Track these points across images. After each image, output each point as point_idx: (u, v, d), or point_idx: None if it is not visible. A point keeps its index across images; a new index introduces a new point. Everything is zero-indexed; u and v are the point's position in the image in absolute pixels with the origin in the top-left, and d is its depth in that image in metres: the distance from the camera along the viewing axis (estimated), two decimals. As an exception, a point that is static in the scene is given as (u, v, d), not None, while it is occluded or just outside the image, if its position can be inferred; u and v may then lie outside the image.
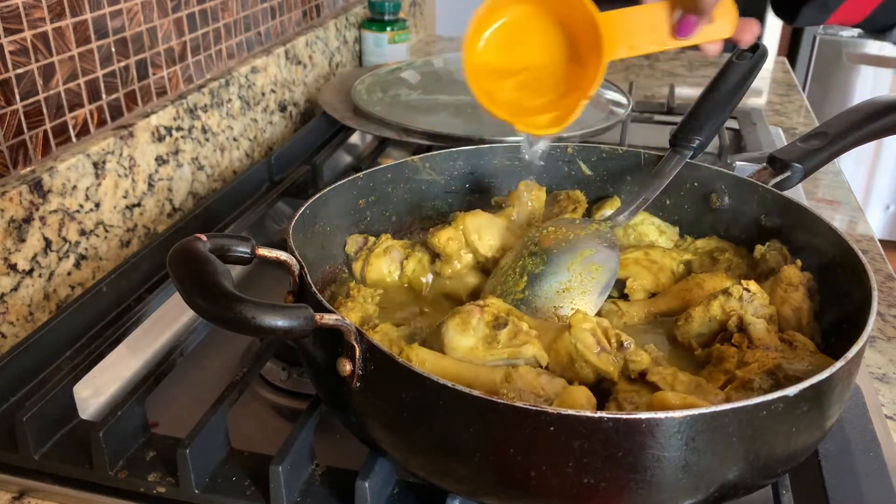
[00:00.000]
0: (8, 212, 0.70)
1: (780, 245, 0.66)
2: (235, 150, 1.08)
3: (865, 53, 2.68)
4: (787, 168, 0.70)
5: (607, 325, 0.56)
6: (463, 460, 0.46)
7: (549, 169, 0.77)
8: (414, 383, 0.45)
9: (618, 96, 1.14)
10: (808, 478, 0.55)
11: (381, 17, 1.43)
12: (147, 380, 0.61)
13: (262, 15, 1.17)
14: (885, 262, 0.88)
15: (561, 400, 0.50)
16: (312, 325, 0.44)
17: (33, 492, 0.57)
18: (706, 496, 0.46)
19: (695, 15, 0.59)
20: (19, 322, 0.73)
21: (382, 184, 0.73)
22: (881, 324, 0.78)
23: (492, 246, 0.69)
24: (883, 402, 0.67)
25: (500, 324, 0.54)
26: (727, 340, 0.57)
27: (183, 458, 0.53)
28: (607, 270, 0.64)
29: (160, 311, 0.72)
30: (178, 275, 0.46)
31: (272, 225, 0.92)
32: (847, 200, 1.05)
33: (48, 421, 0.58)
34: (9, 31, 0.72)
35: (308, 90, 1.29)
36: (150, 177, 0.90)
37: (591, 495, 0.44)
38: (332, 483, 0.55)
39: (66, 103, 0.80)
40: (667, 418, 0.42)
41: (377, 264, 0.68)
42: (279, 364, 0.68)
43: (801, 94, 1.48)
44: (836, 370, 0.45)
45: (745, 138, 1.16)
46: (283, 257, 0.53)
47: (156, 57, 0.94)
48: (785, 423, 0.45)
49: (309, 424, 0.56)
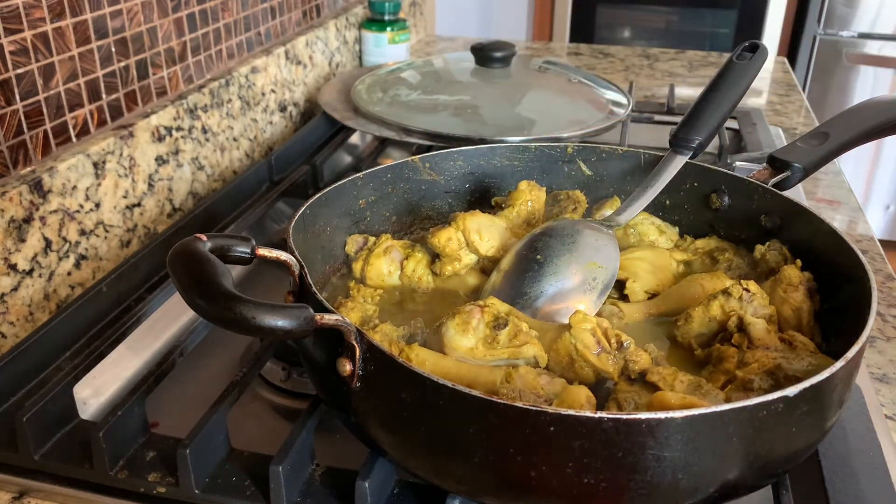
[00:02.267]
0: (8, 212, 0.70)
1: (780, 245, 0.66)
2: (235, 150, 1.08)
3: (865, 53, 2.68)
4: (787, 168, 0.70)
5: (607, 326, 0.56)
6: (463, 460, 0.46)
7: (549, 169, 0.77)
8: (414, 383, 0.45)
9: (618, 96, 1.14)
10: (808, 478, 0.55)
11: (381, 18, 1.43)
12: (147, 380, 0.61)
13: (262, 15, 1.17)
14: (885, 262, 0.88)
15: (561, 400, 0.50)
16: (312, 325, 0.44)
17: (33, 492, 0.57)
18: (706, 496, 0.46)
19: None
20: (19, 322, 0.73)
21: (382, 184, 0.73)
22: (881, 324, 0.78)
23: (492, 246, 0.69)
24: (883, 402, 0.67)
25: (500, 324, 0.54)
26: (727, 340, 0.57)
27: (183, 458, 0.53)
28: (607, 270, 0.64)
29: (160, 311, 0.72)
30: (178, 275, 0.46)
31: (272, 225, 0.92)
32: (847, 200, 1.05)
33: (48, 421, 0.58)
34: (9, 31, 0.72)
35: (308, 90, 1.29)
36: (150, 177, 0.90)
37: (591, 495, 0.44)
38: (332, 483, 0.55)
39: (66, 103, 0.80)
40: (667, 418, 0.42)
41: (377, 264, 0.68)
42: (279, 364, 0.68)
43: (801, 94, 1.48)
44: (836, 370, 0.45)
45: (745, 138, 1.16)
46: (283, 257, 0.53)
47: (156, 57, 0.94)
48: (785, 423, 0.45)
49: (309, 424, 0.56)
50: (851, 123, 0.73)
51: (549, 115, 1.07)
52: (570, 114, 1.07)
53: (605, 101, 1.11)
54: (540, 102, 1.11)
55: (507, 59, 1.19)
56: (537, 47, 1.80)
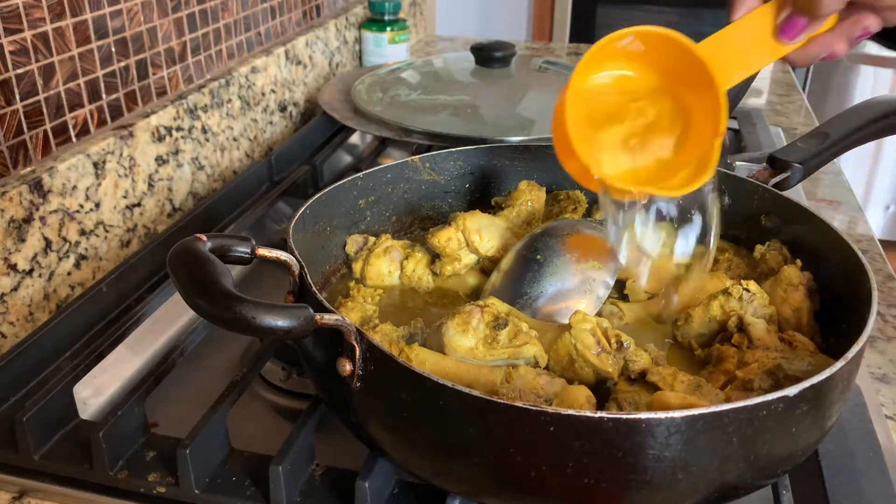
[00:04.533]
0: (8, 212, 0.70)
1: (780, 245, 0.66)
2: (235, 150, 1.08)
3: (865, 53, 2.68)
4: (787, 168, 0.70)
5: (607, 326, 0.56)
6: (463, 460, 0.46)
7: (549, 169, 0.77)
8: (414, 383, 0.45)
9: (618, 96, 1.13)
10: (808, 478, 0.55)
11: (381, 18, 1.43)
12: (147, 380, 0.61)
13: (262, 15, 1.17)
14: (885, 262, 0.88)
15: (561, 400, 0.50)
16: (312, 325, 0.44)
17: (33, 492, 0.57)
18: (706, 496, 0.46)
19: (804, 16, 0.52)
20: (19, 322, 0.73)
21: (382, 184, 0.73)
22: (881, 324, 0.78)
23: (492, 246, 0.69)
24: (883, 402, 0.67)
25: (500, 324, 0.54)
26: (727, 340, 0.57)
27: (183, 458, 0.53)
28: (607, 271, 0.64)
29: (160, 311, 0.72)
30: (178, 275, 0.46)
31: (272, 225, 0.92)
32: (847, 200, 1.05)
33: (48, 421, 0.58)
34: (9, 31, 0.72)
35: (308, 90, 1.29)
36: (150, 177, 0.90)
37: (591, 495, 0.44)
38: (332, 483, 0.55)
39: (66, 103, 0.80)
40: (667, 418, 0.42)
41: (377, 264, 0.68)
42: (279, 364, 0.68)
43: (801, 94, 1.48)
44: (836, 370, 0.45)
45: (745, 138, 1.16)
46: (283, 257, 0.53)
47: (156, 57, 0.94)
48: (785, 423, 0.45)
49: (309, 424, 0.56)
50: (852, 123, 0.73)
51: (549, 115, 1.07)
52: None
53: (605, 101, 1.11)
54: (540, 102, 1.11)
55: (507, 59, 1.19)
56: (537, 47, 1.80)
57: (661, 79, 0.58)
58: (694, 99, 0.57)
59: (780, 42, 0.54)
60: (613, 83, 0.58)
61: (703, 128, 0.56)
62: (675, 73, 0.57)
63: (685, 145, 0.57)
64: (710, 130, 0.55)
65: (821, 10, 0.51)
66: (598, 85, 0.58)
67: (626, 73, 0.58)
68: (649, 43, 0.56)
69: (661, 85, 0.58)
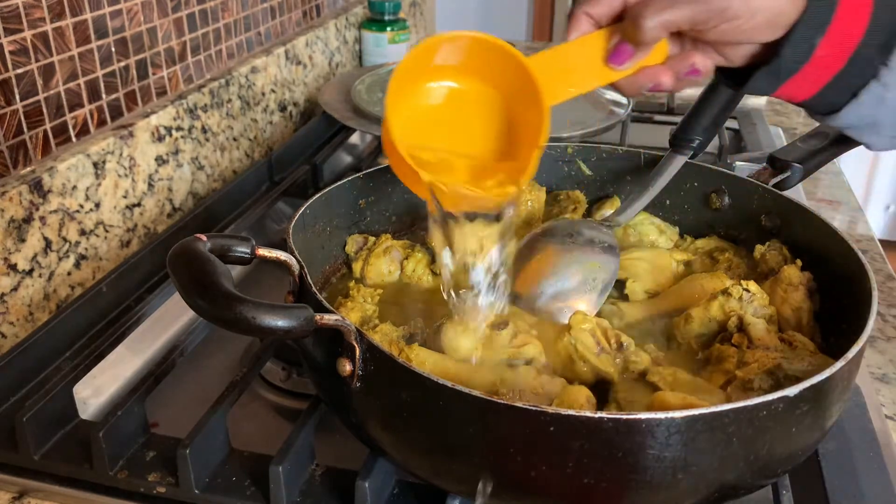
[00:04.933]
0: (8, 212, 0.70)
1: (780, 245, 0.66)
2: (235, 150, 1.08)
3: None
4: (787, 168, 0.70)
5: (607, 326, 0.56)
6: (463, 460, 0.46)
7: (549, 169, 0.77)
8: (414, 383, 0.45)
9: (618, 96, 1.13)
10: (808, 478, 0.55)
11: (381, 17, 1.43)
12: (147, 380, 0.61)
13: (262, 15, 1.17)
14: (885, 262, 0.88)
15: (561, 400, 0.50)
16: (312, 325, 0.44)
17: (33, 492, 0.57)
18: (706, 496, 0.46)
19: (631, 44, 0.53)
20: (19, 322, 0.73)
21: (382, 184, 0.72)
22: (881, 324, 0.78)
23: (492, 246, 0.69)
24: (883, 402, 0.67)
25: (500, 324, 0.54)
26: (727, 340, 0.57)
27: (183, 458, 0.53)
28: (607, 271, 0.64)
29: (160, 311, 0.72)
30: (178, 275, 0.46)
31: (272, 225, 0.92)
32: (847, 200, 1.05)
33: (48, 421, 0.58)
34: (9, 31, 0.72)
35: (308, 90, 1.29)
36: (150, 177, 0.90)
37: (591, 495, 0.44)
38: (332, 483, 0.55)
39: (66, 103, 0.80)
40: (667, 418, 0.42)
41: (377, 264, 0.68)
42: (279, 364, 0.68)
43: (801, 94, 1.48)
44: (836, 370, 0.45)
45: (745, 138, 1.16)
46: (283, 257, 0.53)
47: (156, 57, 0.94)
48: (785, 423, 0.45)
49: (309, 424, 0.56)
50: (851, 123, 0.73)
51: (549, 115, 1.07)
52: (569, 114, 1.07)
53: (604, 101, 1.11)
54: (540, 102, 1.11)
55: (507, 59, 1.19)
56: (537, 47, 1.80)
57: (490, 86, 0.58)
58: (521, 109, 0.57)
59: (610, 67, 0.55)
60: (443, 90, 0.59)
61: (527, 139, 0.57)
62: (505, 83, 0.57)
63: (510, 154, 0.58)
64: (533, 142, 0.56)
65: (643, 37, 0.52)
66: (427, 90, 0.58)
67: (451, 84, 0.58)
68: (480, 51, 0.56)
69: (489, 93, 0.58)
